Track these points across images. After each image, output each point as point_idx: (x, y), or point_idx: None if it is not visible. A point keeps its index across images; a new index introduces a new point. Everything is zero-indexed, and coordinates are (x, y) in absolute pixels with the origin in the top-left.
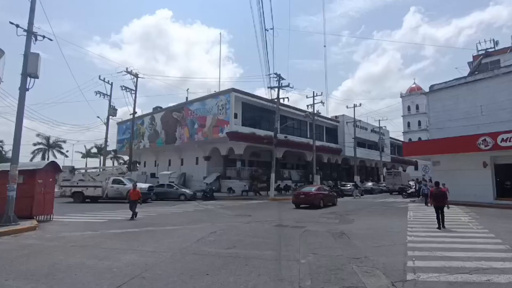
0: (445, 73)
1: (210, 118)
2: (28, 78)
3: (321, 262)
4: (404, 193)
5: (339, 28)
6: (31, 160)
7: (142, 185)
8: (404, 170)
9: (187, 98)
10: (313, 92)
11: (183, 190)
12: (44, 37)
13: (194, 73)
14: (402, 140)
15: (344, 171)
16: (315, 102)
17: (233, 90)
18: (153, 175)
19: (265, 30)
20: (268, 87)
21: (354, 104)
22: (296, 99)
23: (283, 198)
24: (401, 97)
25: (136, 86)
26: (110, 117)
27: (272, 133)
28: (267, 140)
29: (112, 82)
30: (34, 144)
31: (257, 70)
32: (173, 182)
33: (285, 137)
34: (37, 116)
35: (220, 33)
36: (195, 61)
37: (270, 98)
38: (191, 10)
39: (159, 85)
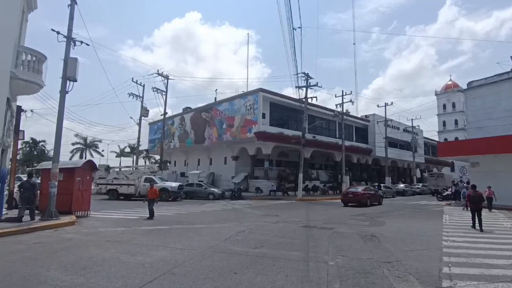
0: (485, 68)
1: (238, 118)
2: (68, 82)
3: (350, 265)
4: (438, 196)
5: (369, 24)
6: (70, 158)
7: (172, 184)
8: (440, 172)
9: (215, 98)
10: (342, 91)
11: (212, 189)
12: (82, 42)
13: (222, 74)
14: (437, 140)
15: (374, 171)
16: (344, 101)
17: (261, 90)
18: (182, 174)
19: (293, 29)
20: (296, 87)
21: (385, 103)
22: (325, 98)
23: (311, 199)
24: (436, 95)
25: (166, 88)
26: (142, 117)
27: (300, 133)
28: (295, 140)
29: (144, 84)
30: (73, 144)
31: (285, 70)
32: (202, 181)
33: (313, 137)
34: (75, 117)
35: (248, 34)
36: (223, 62)
37: (298, 97)
38: (219, 12)
39: (188, 86)
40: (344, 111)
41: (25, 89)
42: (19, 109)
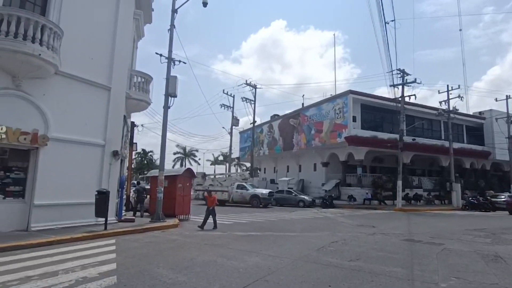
0: None
1: (327, 123)
2: (169, 98)
3: None
4: None
5: (479, 5)
6: (172, 167)
7: (263, 191)
8: None
9: (303, 104)
10: (447, 85)
11: (302, 196)
12: (180, 61)
13: (309, 78)
14: None
15: (495, 178)
16: (450, 97)
17: (350, 91)
18: (272, 181)
19: (385, 23)
20: (391, 85)
21: (506, 96)
22: (425, 95)
23: (413, 209)
24: None
25: (254, 97)
26: (233, 127)
27: (396, 136)
28: (391, 144)
29: (234, 95)
30: (174, 153)
31: (377, 68)
32: (291, 188)
33: (413, 139)
34: (176, 129)
35: (334, 35)
36: (309, 67)
37: (393, 97)
38: (304, 17)
39: (275, 93)
40: (451, 108)
41: (136, 107)
42: (133, 125)
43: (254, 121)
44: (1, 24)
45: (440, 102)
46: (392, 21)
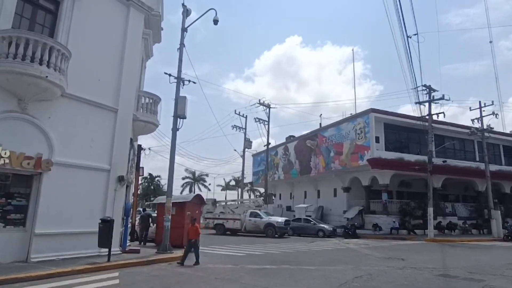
0: None
1: (347, 144)
2: (178, 119)
3: None
4: None
5: (510, 15)
6: (181, 193)
7: (278, 219)
8: None
9: (320, 124)
10: (479, 102)
11: (322, 225)
12: (189, 81)
13: (326, 97)
14: None
15: None
16: (483, 114)
17: (372, 110)
18: (288, 208)
19: (407, 37)
20: (416, 103)
21: None
22: (455, 113)
23: (447, 240)
24: None
25: (268, 117)
26: (246, 149)
27: (425, 158)
28: (419, 166)
29: (246, 115)
30: (183, 178)
31: (401, 85)
32: (310, 216)
33: (444, 161)
34: (185, 153)
35: (353, 50)
36: (327, 84)
37: (419, 115)
38: (320, 32)
39: (291, 113)
40: (485, 126)
41: (144, 129)
42: (140, 148)
43: (268, 143)
44: (9, 47)
45: (472, 120)
46: (415, 35)
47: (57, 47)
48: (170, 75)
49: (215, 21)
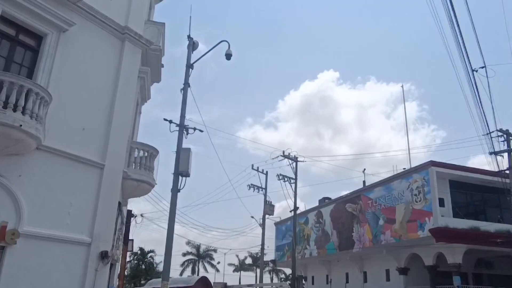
0: None
1: (401, 209)
2: (180, 177)
3: None
4: None
5: None
6: (180, 274)
7: None
8: None
9: (364, 182)
10: None
11: None
12: (195, 129)
13: (371, 147)
14: None
15: None
16: None
17: (432, 163)
18: None
19: (473, 71)
20: (491, 153)
21: None
22: None
23: None
24: None
25: (296, 173)
26: (266, 216)
27: (509, 227)
28: (502, 239)
29: (267, 171)
30: (184, 254)
31: (469, 129)
32: None
33: None
34: (187, 220)
35: (402, 86)
36: (371, 131)
37: (495, 169)
38: (361, 65)
39: (325, 168)
40: None
41: (136, 190)
42: (130, 215)
43: (296, 208)
44: None
45: None
46: (482, 67)
47: (35, 90)
48: (170, 121)
49: (228, 55)
